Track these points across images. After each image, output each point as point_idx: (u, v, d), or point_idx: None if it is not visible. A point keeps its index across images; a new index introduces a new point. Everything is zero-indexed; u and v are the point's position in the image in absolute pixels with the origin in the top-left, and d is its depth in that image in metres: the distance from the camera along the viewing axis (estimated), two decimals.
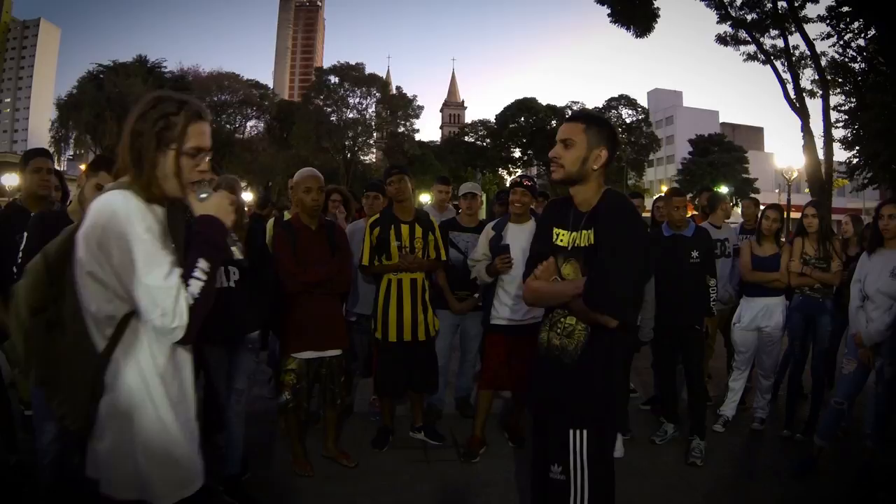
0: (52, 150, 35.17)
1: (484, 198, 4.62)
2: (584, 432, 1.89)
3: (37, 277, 1.44)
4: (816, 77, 17.02)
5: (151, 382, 1.40)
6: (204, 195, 1.48)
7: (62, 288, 1.42)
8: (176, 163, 1.42)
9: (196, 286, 1.36)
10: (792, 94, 17.00)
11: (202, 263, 1.38)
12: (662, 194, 4.66)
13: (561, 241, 2.00)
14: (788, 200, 19.53)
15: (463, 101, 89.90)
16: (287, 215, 3.91)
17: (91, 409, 1.39)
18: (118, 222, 1.32)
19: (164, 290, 1.31)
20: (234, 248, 1.57)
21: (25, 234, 2.49)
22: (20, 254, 2.47)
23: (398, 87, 49.50)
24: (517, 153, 48.54)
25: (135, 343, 1.39)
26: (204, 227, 1.44)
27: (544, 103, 47.41)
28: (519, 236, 3.58)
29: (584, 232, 1.93)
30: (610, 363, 1.91)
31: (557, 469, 1.93)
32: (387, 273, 3.64)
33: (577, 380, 1.91)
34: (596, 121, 1.98)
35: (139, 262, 1.31)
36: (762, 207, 4.94)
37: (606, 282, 1.79)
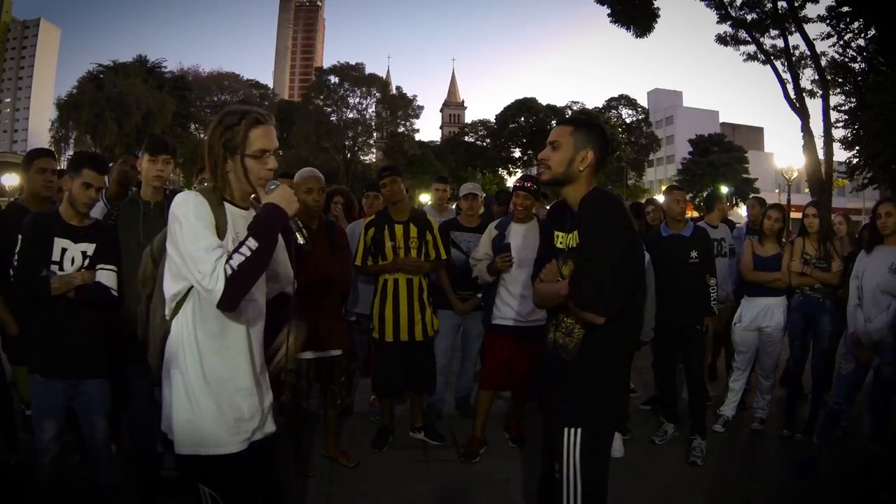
0: (51, 150, 35.29)
1: (482, 197, 4.62)
2: (578, 430, 1.93)
3: (145, 262, 1.84)
4: (816, 77, 16.98)
5: (189, 354, 1.64)
6: (272, 187, 1.68)
7: (158, 269, 1.77)
8: (242, 165, 1.67)
9: (237, 259, 1.53)
10: (792, 94, 16.98)
11: (250, 241, 1.55)
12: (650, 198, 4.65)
13: (560, 243, 2.07)
14: (788, 200, 19.50)
15: (463, 101, 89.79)
16: None
17: (161, 363, 1.71)
18: (177, 210, 1.60)
19: (202, 258, 1.53)
20: (297, 234, 1.73)
21: (20, 235, 2.48)
22: (16, 256, 2.46)
23: (398, 87, 49.53)
24: (517, 153, 48.56)
25: (184, 319, 1.65)
26: (262, 211, 1.63)
27: (544, 103, 47.45)
28: (521, 236, 3.58)
29: (574, 233, 1.99)
30: (604, 361, 1.95)
31: (556, 467, 1.97)
32: (382, 272, 3.64)
33: (573, 378, 1.96)
34: (584, 124, 2.05)
35: (187, 238, 1.56)
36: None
37: (584, 281, 1.86)
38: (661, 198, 5.08)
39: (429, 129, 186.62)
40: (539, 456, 2.21)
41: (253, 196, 1.77)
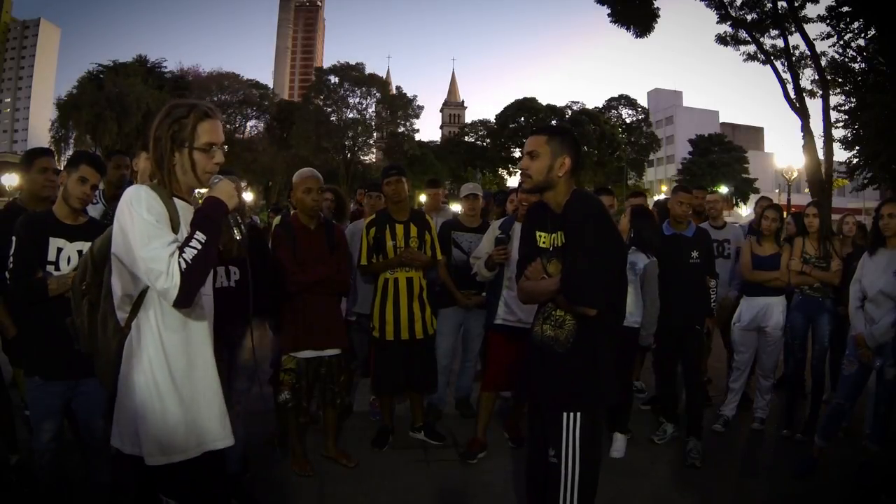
0: (51, 149, 35.30)
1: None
2: (578, 415, 2.04)
3: (84, 266, 1.77)
4: (816, 77, 16.95)
5: (154, 356, 1.61)
6: (215, 181, 1.69)
7: (102, 275, 1.71)
8: (190, 158, 1.65)
9: (190, 253, 1.52)
10: (792, 94, 16.94)
11: (198, 235, 1.55)
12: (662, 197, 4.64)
13: (543, 242, 2.18)
14: (788, 200, 19.52)
15: (463, 101, 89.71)
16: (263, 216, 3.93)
17: (115, 375, 1.65)
18: (128, 207, 1.56)
19: (156, 259, 1.50)
20: (234, 230, 1.72)
21: (13, 237, 2.43)
22: (10, 257, 2.42)
23: (398, 87, 49.57)
24: (517, 153, 48.45)
25: (144, 320, 1.62)
26: (205, 205, 1.63)
27: (544, 103, 47.39)
28: None
29: (559, 233, 2.11)
30: (597, 349, 2.07)
31: (552, 453, 2.06)
32: (386, 269, 3.65)
33: (568, 366, 2.06)
34: (557, 131, 2.16)
35: (139, 238, 1.52)
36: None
37: (576, 278, 1.99)
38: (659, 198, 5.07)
39: (429, 129, 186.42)
40: None
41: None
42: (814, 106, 16.99)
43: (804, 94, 17.10)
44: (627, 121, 48.63)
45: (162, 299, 1.56)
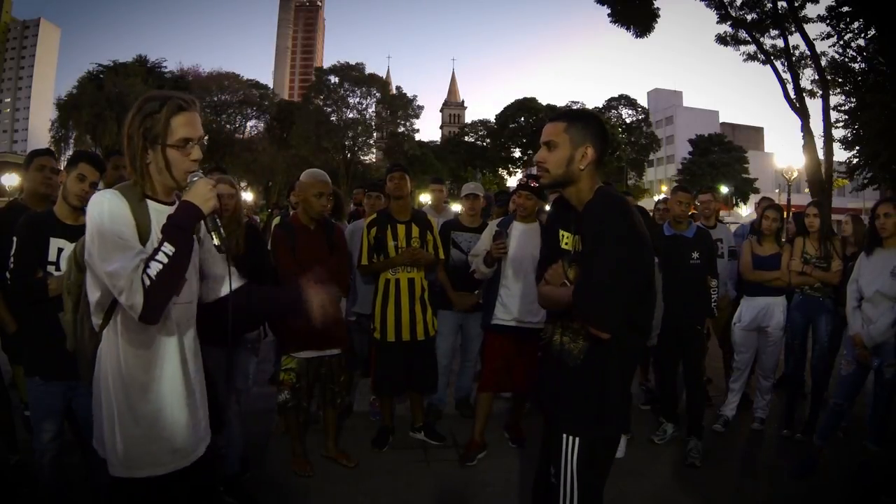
0: (51, 149, 35.33)
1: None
2: (577, 439, 1.85)
3: (69, 266, 1.73)
4: (816, 77, 16.96)
5: (122, 364, 1.54)
6: (194, 179, 1.55)
7: (83, 276, 1.64)
8: (164, 156, 1.52)
9: (154, 268, 1.42)
10: (792, 94, 16.94)
11: (165, 247, 1.45)
12: (663, 196, 4.64)
13: (566, 244, 1.93)
14: (788, 200, 19.50)
15: (463, 101, 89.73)
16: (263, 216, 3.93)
17: (92, 376, 1.61)
18: (92, 217, 1.47)
19: (117, 274, 1.41)
20: (212, 234, 1.58)
21: (14, 237, 2.44)
22: (11, 258, 2.42)
23: (398, 87, 49.60)
24: (517, 153, 48.60)
25: (112, 330, 1.55)
26: (176, 212, 1.51)
27: (544, 103, 47.47)
28: (523, 235, 3.57)
29: (579, 236, 1.87)
30: (608, 371, 1.84)
31: (552, 472, 1.92)
32: (387, 268, 3.64)
33: (575, 384, 1.87)
34: (579, 117, 1.86)
35: (100, 251, 1.44)
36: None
37: (589, 294, 1.72)
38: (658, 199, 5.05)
39: (429, 129, 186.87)
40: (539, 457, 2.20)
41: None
42: (814, 106, 17.01)
43: (804, 94, 17.10)
44: (627, 121, 48.70)
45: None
